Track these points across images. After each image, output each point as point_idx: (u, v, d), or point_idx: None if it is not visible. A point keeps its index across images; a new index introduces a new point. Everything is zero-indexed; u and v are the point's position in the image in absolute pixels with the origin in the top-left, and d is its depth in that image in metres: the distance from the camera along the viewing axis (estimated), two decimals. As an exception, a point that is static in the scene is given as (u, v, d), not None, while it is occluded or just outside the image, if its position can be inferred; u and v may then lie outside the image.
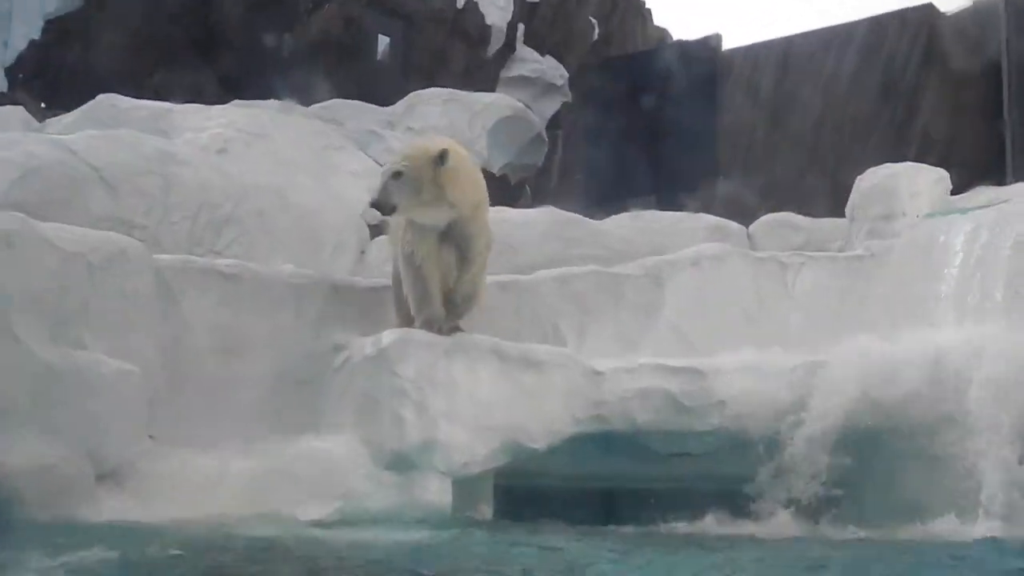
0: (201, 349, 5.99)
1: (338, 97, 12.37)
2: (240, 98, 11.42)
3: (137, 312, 5.64)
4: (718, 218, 8.99)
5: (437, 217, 5.87)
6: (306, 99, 12.34)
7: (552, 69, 16.81)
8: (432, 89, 12.98)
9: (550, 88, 16.65)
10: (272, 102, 11.58)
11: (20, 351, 4.92)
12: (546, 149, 13.73)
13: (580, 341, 6.91)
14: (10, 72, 14.41)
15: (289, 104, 11.67)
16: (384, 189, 5.71)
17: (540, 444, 6.02)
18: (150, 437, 5.55)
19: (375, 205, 5.76)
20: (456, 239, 5.96)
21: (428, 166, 5.72)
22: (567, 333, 6.94)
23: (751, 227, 8.95)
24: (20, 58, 14.41)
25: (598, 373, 6.25)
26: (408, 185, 5.69)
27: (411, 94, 12.90)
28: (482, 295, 6.20)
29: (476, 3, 16.19)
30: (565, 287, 7.06)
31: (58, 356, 5.06)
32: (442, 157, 5.72)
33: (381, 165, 10.38)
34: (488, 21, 16.33)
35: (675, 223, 8.77)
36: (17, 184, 6.64)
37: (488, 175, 12.82)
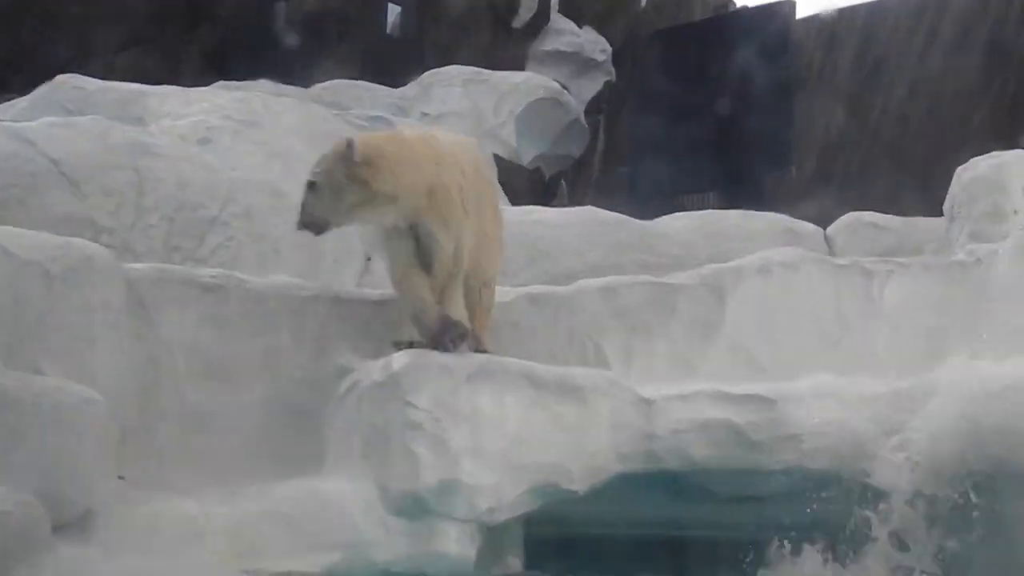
0: (180, 374, 6.00)
1: (341, 77, 12.42)
2: (226, 79, 11.48)
3: (104, 330, 5.66)
4: (790, 218, 8.94)
5: (387, 216, 5.94)
6: (304, 80, 12.40)
7: (592, 43, 16.80)
8: (451, 67, 13.01)
9: (590, 65, 16.64)
10: (264, 83, 11.65)
11: (-32, 376, 4.94)
12: (586, 137, 13.74)
13: (627, 364, 6.89)
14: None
15: (284, 86, 11.72)
16: (304, 206, 5.83)
17: (579, 485, 6.01)
18: (119, 478, 5.54)
19: (302, 227, 5.88)
20: (422, 242, 6.00)
21: (340, 166, 5.79)
22: (611, 354, 6.91)
23: (829, 229, 8.89)
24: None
25: (648, 402, 6.24)
26: (327, 193, 5.78)
27: (426, 73, 12.94)
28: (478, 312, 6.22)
29: (503, -35, 16.24)
30: (609, 300, 7.04)
31: (10, 382, 5.06)
32: (349, 149, 5.78)
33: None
34: (517, -13, 16.37)
35: (739, 224, 8.72)
36: (-34, 181, 6.70)
37: (517, 169, 12.91)
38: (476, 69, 12.97)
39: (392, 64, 14.25)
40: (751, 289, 7.19)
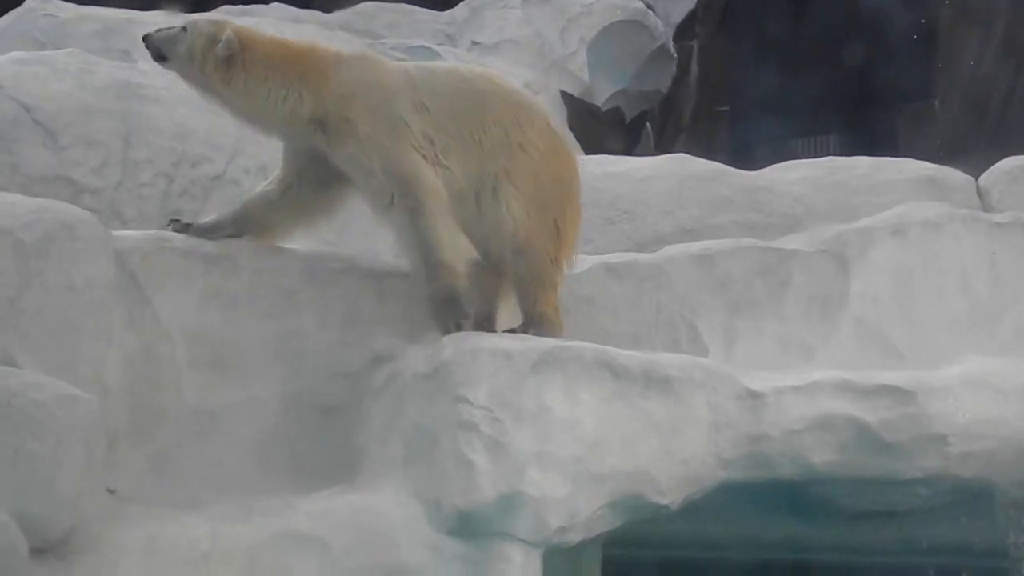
0: (181, 365, 6.05)
1: (372, -1, 12.41)
2: (231, 2, 11.53)
3: (89, 314, 5.70)
4: (933, 165, 8.83)
5: (240, 119, 6.40)
6: (326, 2, 12.41)
7: (683, -49, 16.69)
8: (508, -16, 12.94)
9: (680, -21, 16.55)
10: (277, 7, 11.67)
11: (-77, 370, 5.03)
12: (675, 69, 13.63)
13: (728, 348, 6.89)
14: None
15: (302, 10, 11.75)
16: (166, 31, 6.27)
17: (670, 498, 6.01)
18: (109, 492, 5.61)
19: (145, 37, 6.29)
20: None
21: (204, 43, 6.18)
22: (709, 337, 6.91)
23: (982, 178, 8.77)
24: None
25: (755, 395, 6.22)
26: (184, 51, 6.19)
27: (478, -8, 12.88)
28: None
29: None
30: (706, 270, 7.04)
31: (-23, 377, 5.15)
32: (222, 42, 6.14)
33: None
34: None
35: (868, 173, 8.62)
36: (-85, 133, 6.82)
37: (591, 110, 12.86)
38: (539, -14, 12.90)
39: (435, -18, 14.22)
40: (883, 255, 7.16)
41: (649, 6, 13.80)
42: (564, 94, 12.40)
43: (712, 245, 7.19)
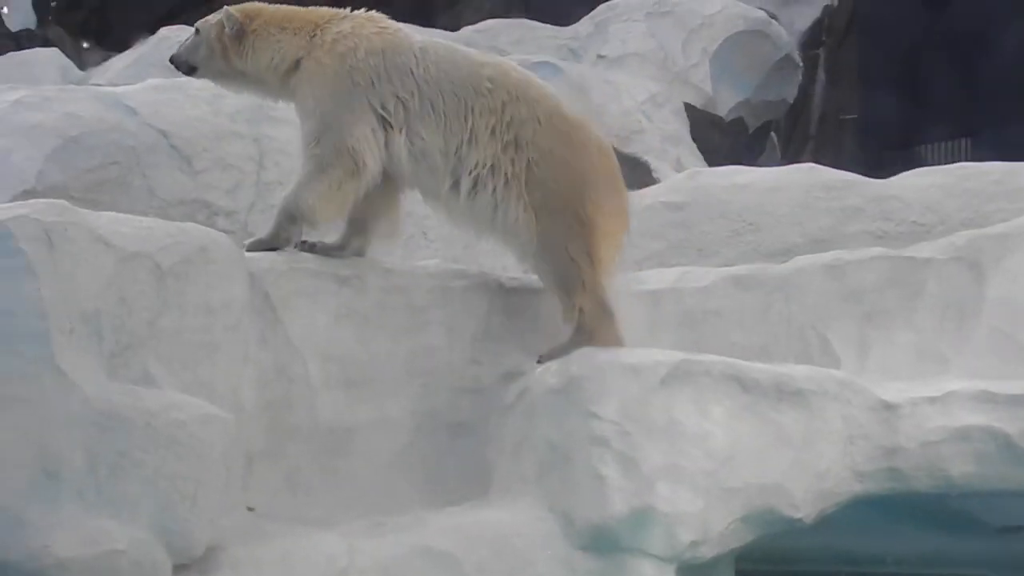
0: (315, 384, 6.11)
1: (496, 15, 12.50)
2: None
3: (225, 334, 5.78)
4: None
5: (261, 94, 6.69)
6: (451, 20, 12.52)
7: (807, -42, 16.56)
8: (631, -4, 12.95)
9: (805, -14, 16.41)
10: (403, 27, 11.77)
11: (67, 390, 5.07)
12: (800, 78, 13.54)
13: (861, 359, 6.84)
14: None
15: (427, 29, 11.84)
16: (184, 44, 6.57)
17: (805, 512, 5.96)
18: (248, 509, 5.70)
19: (172, 59, 6.61)
20: None
21: (217, 30, 6.47)
22: (841, 348, 6.87)
23: None
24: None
25: (890, 406, 6.17)
26: (203, 48, 6.49)
27: (601, 6, 12.93)
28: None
29: None
30: (837, 280, 7.00)
31: (117, 397, 5.20)
32: (227, 20, 6.44)
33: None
34: None
35: (1001, 179, 8.48)
36: (55, 159, 6.97)
37: (714, 120, 12.80)
38: (661, -2, 12.89)
39: (558, -3, 14.27)
40: (1019, 261, 7.05)
41: (772, 16, 13.73)
42: (687, 106, 12.38)
43: (843, 255, 7.14)
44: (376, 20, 6.56)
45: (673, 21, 12.34)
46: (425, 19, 12.69)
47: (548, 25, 12.64)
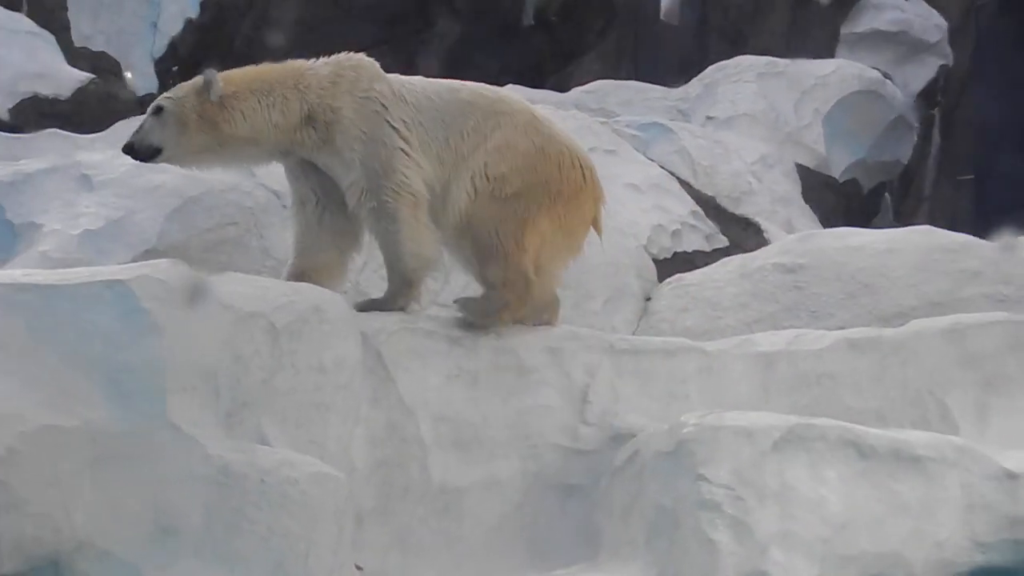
0: (426, 443, 6.15)
1: (605, 76, 12.59)
2: (461, 76, 11.78)
3: (337, 393, 5.85)
4: None
5: (244, 158, 6.51)
6: (560, 82, 12.62)
7: (923, 17, 16.46)
8: (742, 57, 13.01)
9: (920, 47, 16.30)
10: (512, 87, 11.87)
11: (184, 447, 5.18)
12: (915, 138, 13.45)
13: (981, 425, 6.75)
14: (161, 64, 15.39)
15: (535, 90, 11.95)
16: (140, 128, 6.32)
17: (923, 582, 5.89)
18: (357, 568, 5.73)
19: (127, 149, 6.34)
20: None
21: (193, 100, 6.28)
22: (960, 414, 6.78)
23: None
24: (173, 45, 15.40)
25: (1013, 475, 6.09)
26: (172, 125, 6.27)
27: (711, 67, 12.97)
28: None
29: (803, -72, 16.14)
30: (955, 344, 6.92)
31: (232, 455, 5.30)
32: (207, 85, 6.27)
33: (671, 174, 10.52)
34: (822, -47, 16.23)
35: None
36: (173, 219, 7.11)
37: (828, 182, 12.76)
38: (772, 59, 12.91)
39: (668, 58, 14.35)
40: None
41: (886, 75, 13.68)
42: (799, 167, 12.34)
43: (962, 319, 7.07)
44: (359, 58, 6.59)
45: (785, 82, 12.35)
46: (534, 80, 12.82)
47: (657, 86, 12.70)
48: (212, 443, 5.26)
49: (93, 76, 16.08)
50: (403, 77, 6.56)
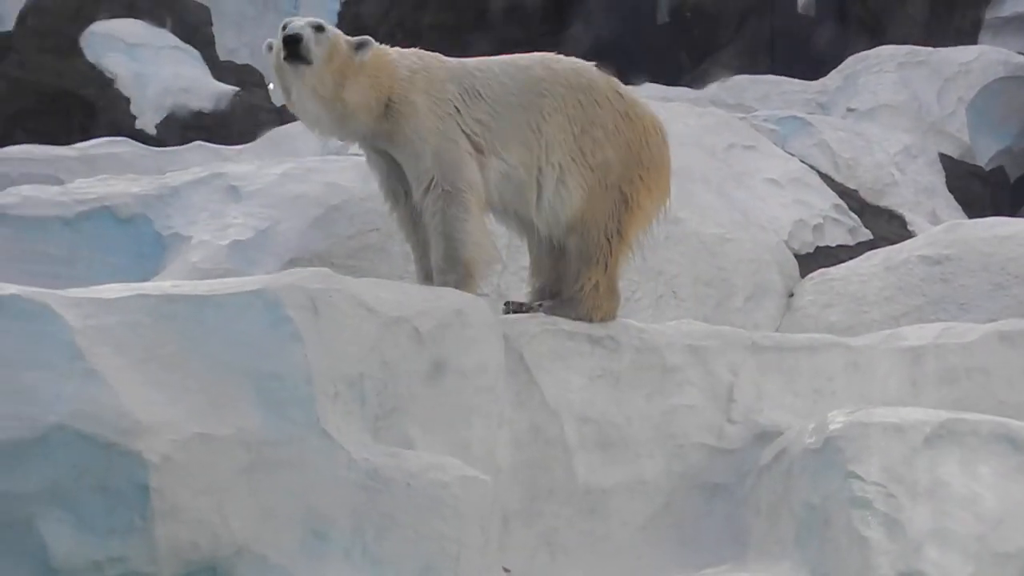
0: (570, 444, 6.15)
1: (742, 71, 12.51)
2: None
3: (481, 396, 5.86)
4: None
5: (343, 126, 6.35)
6: (696, 79, 12.57)
7: (1069, 0, 16.11)
8: (882, 48, 12.85)
9: (1066, 30, 15.95)
10: (648, 87, 11.89)
11: (333, 453, 5.23)
12: (1063, 124, 13.14)
13: None
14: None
15: (672, 88, 11.93)
16: (306, 36, 6.15)
17: (1086, 580, 5.77)
18: (504, 570, 5.75)
19: (296, 39, 6.12)
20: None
21: (344, 47, 6.21)
22: (1119, 407, 6.60)
23: None
24: (314, 56, 15.66)
25: None
26: (325, 46, 6.15)
27: (850, 58, 12.85)
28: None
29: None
30: (1113, 335, 6.75)
31: (380, 459, 5.34)
32: (363, 45, 6.22)
33: (811, 167, 10.41)
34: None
35: None
36: (317, 227, 7.20)
37: (973, 171, 12.53)
38: (914, 48, 12.73)
39: (806, 50, 14.21)
40: None
41: (1032, 61, 13.38)
42: (943, 156, 12.16)
43: (1119, 310, 6.93)
44: (424, 52, 6.55)
45: (927, 71, 12.18)
46: (672, 77, 12.79)
47: (795, 80, 12.60)
48: (359, 448, 5.31)
49: (238, 89, 16.45)
50: (470, 63, 6.49)
